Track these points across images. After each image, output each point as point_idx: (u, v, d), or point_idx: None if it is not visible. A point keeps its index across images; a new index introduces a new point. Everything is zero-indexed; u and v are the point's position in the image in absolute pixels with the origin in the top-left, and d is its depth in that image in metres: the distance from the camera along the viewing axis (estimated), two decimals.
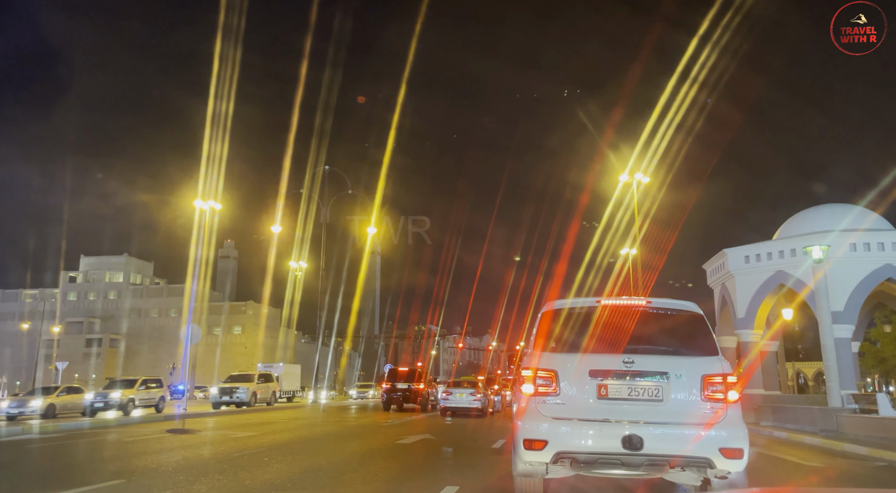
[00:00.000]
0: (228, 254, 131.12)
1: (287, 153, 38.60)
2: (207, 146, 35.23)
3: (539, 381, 5.47)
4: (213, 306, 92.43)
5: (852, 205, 28.38)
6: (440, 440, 13.67)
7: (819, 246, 20.69)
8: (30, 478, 8.37)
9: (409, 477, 8.17)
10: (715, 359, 5.50)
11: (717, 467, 5.14)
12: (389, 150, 40.07)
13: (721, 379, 5.34)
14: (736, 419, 5.29)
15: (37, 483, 7.83)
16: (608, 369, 5.36)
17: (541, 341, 5.78)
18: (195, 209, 31.51)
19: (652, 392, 5.32)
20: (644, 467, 5.18)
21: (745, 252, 29.29)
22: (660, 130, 29.84)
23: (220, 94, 34.67)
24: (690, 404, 5.31)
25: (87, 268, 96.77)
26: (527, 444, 5.30)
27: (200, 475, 7.62)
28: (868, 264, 25.73)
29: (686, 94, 28.59)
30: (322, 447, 11.88)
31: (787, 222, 30.23)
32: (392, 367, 37.96)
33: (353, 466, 9.11)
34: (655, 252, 31.82)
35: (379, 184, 36.46)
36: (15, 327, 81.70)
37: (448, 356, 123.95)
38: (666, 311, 5.88)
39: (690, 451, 5.13)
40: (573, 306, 5.97)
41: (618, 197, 31.30)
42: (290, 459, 9.73)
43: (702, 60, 27.43)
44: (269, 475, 7.98)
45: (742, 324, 29.10)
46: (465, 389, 24.92)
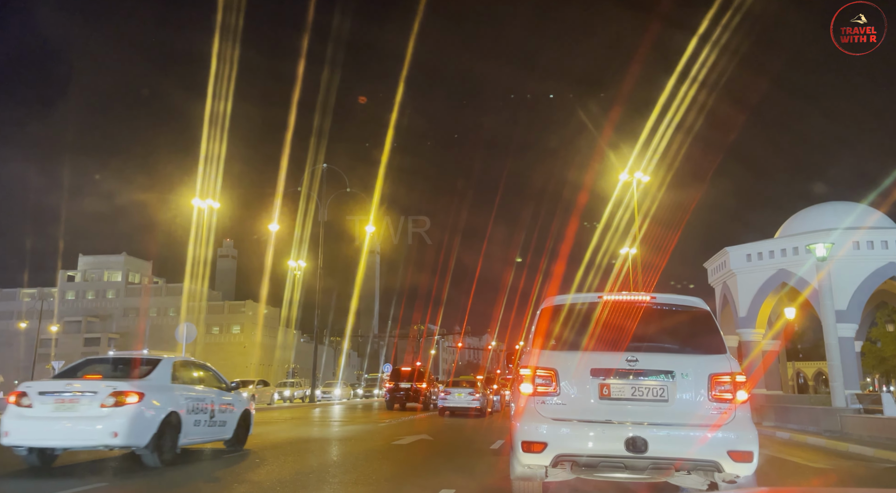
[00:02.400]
0: (228, 253, 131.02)
1: (285, 152, 38.35)
2: (206, 145, 34.99)
3: (538, 380, 5.23)
4: (211, 306, 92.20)
5: (855, 203, 28.14)
6: (438, 440, 13.52)
7: (823, 244, 20.46)
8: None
9: (406, 479, 7.97)
10: (723, 357, 5.26)
11: (726, 470, 4.92)
12: (388, 149, 39.83)
13: (729, 378, 5.11)
14: (745, 421, 5.05)
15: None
16: (610, 368, 5.13)
17: (540, 339, 5.54)
18: (193, 208, 31.35)
19: (656, 392, 5.09)
20: (648, 470, 4.96)
21: (746, 250, 29.06)
22: (660, 130, 29.65)
23: (218, 93, 34.47)
24: (697, 404, 5.09)
25: (85, 267, 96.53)
26: (525, 446, 5.07)
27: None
28: (871, 262, 25.50)
29: (686, 93, 28.38)
30: (317, 447, 11.66)
31: (789, 220, 30.00)
32: (393, 367, 37.89)
33: (346, 467, 8.88)
34: (656, 252, 31.62)
35: (377, 182, 36.21)
36: (13, 326, 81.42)
37: (447, 356, 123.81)
38: (671, 307, 5.64)
39: (697, 454, 4.91)
40: (574, 302, 5.73)
41: (618, 196, 31.12)
42: (282, 460, 9.51)
43: (701, 60, 27.23)
44: (259, 476, 7.75)
45: (744, 323, 28.87)
46: (463, 388, 24.74)
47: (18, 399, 7.86)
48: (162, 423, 8.08)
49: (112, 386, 7.78)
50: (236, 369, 65.30)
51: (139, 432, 7.76)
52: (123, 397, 7.68)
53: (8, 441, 7.70)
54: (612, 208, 31.84)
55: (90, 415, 7.62)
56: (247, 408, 10.90)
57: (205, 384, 9.80)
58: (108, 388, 7.75)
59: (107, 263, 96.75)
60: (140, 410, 7.78)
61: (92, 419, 7.60)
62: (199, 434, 9.27)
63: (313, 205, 36.10)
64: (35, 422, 7.68)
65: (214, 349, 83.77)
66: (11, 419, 7.73)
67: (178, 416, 8.50)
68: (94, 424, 7.59)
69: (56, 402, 7.74)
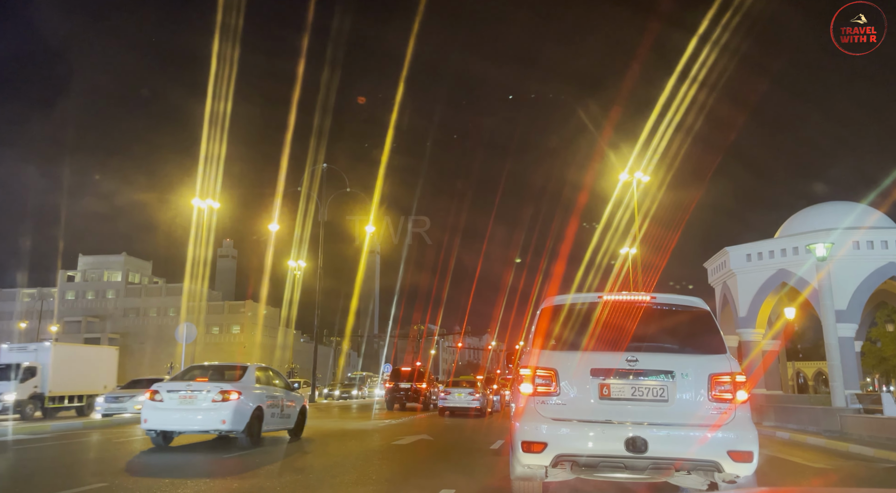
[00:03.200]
0: (227, 253, 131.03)
1: (285, 152, 38.24)
2: (206, 145, 34.97)
3: (538, 380, 5.22)
4: (211, 306, 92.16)
5: (855, 203, 28.13)
6: (438, 440, 13.52)
7: (823, 243, 20.44)
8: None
9: (405, 479, 7.97)
10: (723, 357, 5.25)
11: (726, 470, 4.91)
12: (388, 149, 39.69)
13: (729, 378, 5.10)
14: (745, 421, 5.04)
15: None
16: (610, 368, 5.12)
17: (540, 339, 5.53)
18: (193, 208, 31.33)
19: (656, 392, 5.08)
20: (648, 470, 4.95)
21: (746, 250, 29.05)
22: (659, 130, 29.59)
23: (218, 93, 34.41)
24: (697, 404, 5.08)
25: (85, 267, 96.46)
26: (525, 446, 5.06)
27: (187, 479, 7.37)
28: (871, 262, 25.49)
29: (686, 93, 28.33)
30: (317, 447, 11.65)
31: (789, 220, 29.99)
32: (393, 367, 37.89)
33: (346, 468, 8.87)
34: (656, 252, 31.60)
35: (377, 182, 36.13)
36: (13, 326, 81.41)
37: (447, 356, 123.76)
38: (671, 307, 5.63)
39: (697, 454, 4.90)
40: (574, 302, 5.72)
41: (617, 196, 31.09)
42: (283, 461, 9.49)
43: (701, 60, 27.17)
44: (258, 477, 7.74)
45: (744, 323, 28.86)
46: (463, 388, 24.75)
47: (153, 395, 10.54)
48: (252, 414, 10.69)
49: (219, 386, 10.49)
50: None
51: (238, 420, 10.40)
52: (228, 395, 10.37)
53: (146, 427, 10.44)
54: (612, 208, 31.83)
55: (204, 407, 10.32)
56: (304, 405, 13.31)
57: (276, 385, 12.26)
58: (216, 387, 10.46)
59: (107, 263, 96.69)
60: (239, 404, 10.44)
61: (206, 410, 10.31)
62: (275, 424, 11.84)
63: (313, 205, 36.09)
64: (165, 412, 10.38)
65: (214, 349, 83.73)
66: (148, 410, 10.45)
67: (262, 409, 11.08)
68: (208, 414, 10.30)
69: (180, 397, 10.41)
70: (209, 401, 10.32)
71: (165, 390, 10.58)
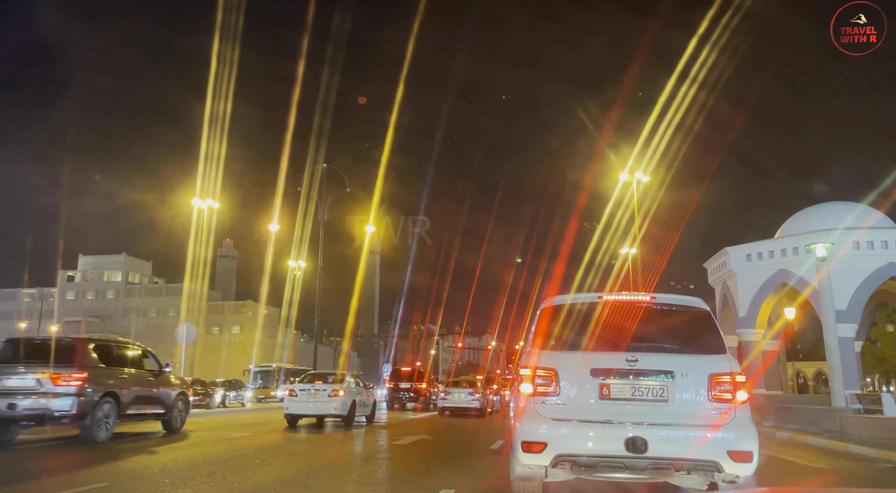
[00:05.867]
0: (228, 253, 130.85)
1: (285, 153, 38.19)
2: (206, 145, 34.99)
3: (538, 380, 5.22)
4: (211, 306, 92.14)
5: (855, 203, 28.13)
6: (438, 440, 13.53)
7: (823, 244, 20.43)
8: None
9: (405, 479, 7.97)
10: (723, 357, 5.26)
11: (725, 470, 4.91)
12: (388, 149, 39.65)
13: (729, 378, 5.10)
14: (745, 421, 5.04)
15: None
16: (610, 368, 5.12)
17: (540, 339, 5.53)
18: (193, 208, 31.31)
19: (656, 392, 5.08)
20: (648, 470, 4.94)
21: (746, 250, 29.04)
22: (659, 130, 29.58)
23: (218, 93, 34.41)
24: (697, 404, 5.08)
25: (85, 267, 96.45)
26: (525, 446, 5.06)
27: (186, 479, 7.36)
28: (871, 262, 25.49)
29: (686, 93, 28.33)
30: (317, 447, 11.66)
31: (789, 220, 29.98)
32: (393, 367, 37.85)
33: (346, 468, 8.87)
34: (656, 252, 31.59)
35: (377, 182, 36.09)
36: (13, 326, 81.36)
37: (447, 356, 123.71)
38: (671, 307, 5.63)
39: (697, 454, 4.90)
40: (574, 302, 5.72)
41: (617, 196, 31.06)
42: (283, 460, 9.49)
43: (701, 60, 27.16)
44: (258, 477, 7.74)
45: (743, 323, 28.86)
46: (463, 388, 24.76)
47: (291, 393, 16.11)
48: (351, 405, 16.11)
49: (332, 387, 16.08)
50: (236, 369, 65.10)
51: (343, 408, 15.80)
52: (337, 392, 15.84)
53: (288, 412, 15.91)
54: (612, 208, 31.81)
55: (323, 400, 15.76)
56: (375, 399, 19.15)
57: (360, 384, 17.98)
58: (330, 387, 16.07)
59: (107, 263, 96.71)
60: (344, 398, 15.83)
61: (325, 402, 15.75)
62: (361, 412, 17.21)
63: (313, 205, 36.03)
64: (299, 403, 15.86)
65: (214, 349, 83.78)
66: (288, 402, 16.00)
67: (355, 401, 16.46)
68: (326, 404, 15.75)
69: (308, 394, 15.93)
70: (326, 396, 15.71)
71: (298, 389, 16.06)
